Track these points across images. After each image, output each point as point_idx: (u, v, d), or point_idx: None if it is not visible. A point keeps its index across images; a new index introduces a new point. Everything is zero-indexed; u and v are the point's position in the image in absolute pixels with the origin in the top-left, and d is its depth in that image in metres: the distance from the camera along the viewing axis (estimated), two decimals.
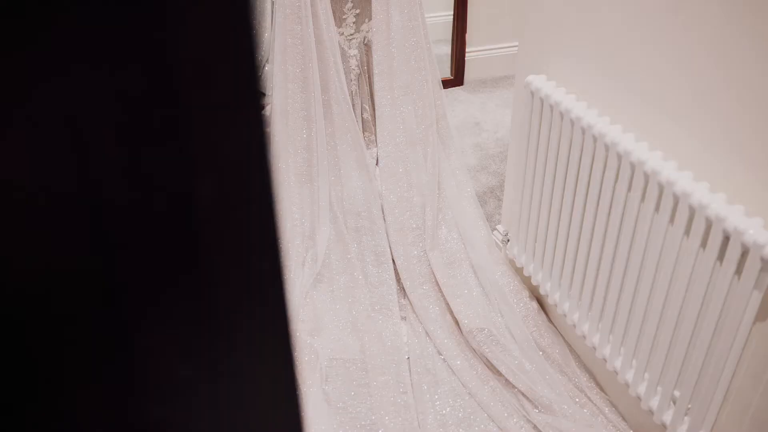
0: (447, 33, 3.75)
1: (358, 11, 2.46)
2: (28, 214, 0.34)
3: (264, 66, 3.53)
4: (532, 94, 1.87)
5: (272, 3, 3.01)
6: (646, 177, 1.51)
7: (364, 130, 2.60)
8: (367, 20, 2.49)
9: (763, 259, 1.27)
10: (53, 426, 0.39)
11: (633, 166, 1.54)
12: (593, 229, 1.73)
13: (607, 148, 1.61)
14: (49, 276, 0.37)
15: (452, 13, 3.66)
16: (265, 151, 0.33)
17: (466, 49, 3.71)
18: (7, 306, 0.35)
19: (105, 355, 0.41)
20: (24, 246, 0.35)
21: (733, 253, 1.33)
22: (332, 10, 2.35)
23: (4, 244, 0.33)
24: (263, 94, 3.37)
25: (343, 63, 2.46)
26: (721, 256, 1.37)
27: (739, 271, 1.34)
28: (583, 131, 1.68)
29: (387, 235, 2.31)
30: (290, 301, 0.40)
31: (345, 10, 2.45)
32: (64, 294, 0.38)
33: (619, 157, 1.58)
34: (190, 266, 0.39)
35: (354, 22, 2.48)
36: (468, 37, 3.68)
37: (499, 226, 2.38)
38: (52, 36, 0.30)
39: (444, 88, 3.60)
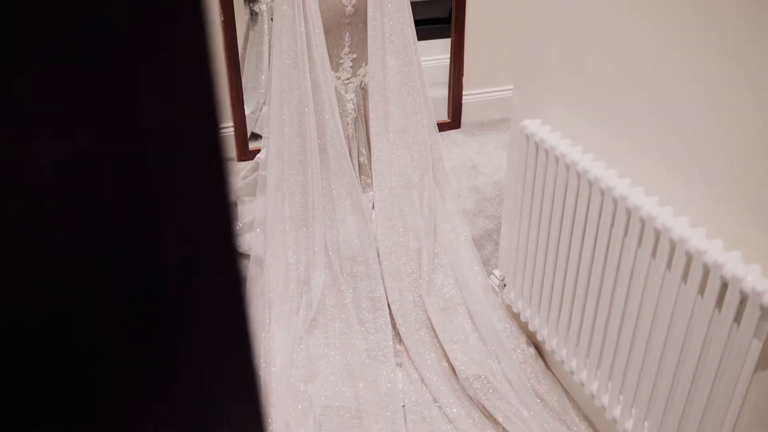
0: (444, 76, 3.77)
1: (354, 56, 2.48)
2: None
3: (261, 108, 3.55)
4: (528, 138, 1.87)
5: (269, 46, 3.04)
6: (642, 222, 1.50)
7: (360, 174, 2.60)
8: (363, 65, 2.50)
9: (762, 307, 1.25)
10: None
11: (629, 211, 1.53)
12: (590, 274, 1.71)
13: (602, 192, 1.60)
14: (12, 338, 0.35)
15: (449, 56, 3.69)
16: (230, 216, 0.31)
17: (464, 92, 3.73)
18: None
19: (70, 420, 0.39)
20: None
21: (731, 300, 1.31)
22: (329, 54, 2.36)
23: None
24: (260, 136, 3.38)
25: (339, 107, 2.46)
26: (719, 303, 1.35)
27: (738, 318, 1.31)
28: (579, 176, 1.68)
29: (382, 280, 2.28)
30: (258, 366, 0.38)
31: (342, 54, 2.46)
32: (25, 357, 0.36)
33: (615, 202, 1.57)
34: (154, 331, 0.37)
35: (351, 67, 2.50)
36: (465, 80, 3.70)
37: (496, 271, 2.36)
38: (25, 91, 0.29)
39: (441, 130, 3.61)
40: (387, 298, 2.26)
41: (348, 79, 2.51)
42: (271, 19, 2.53)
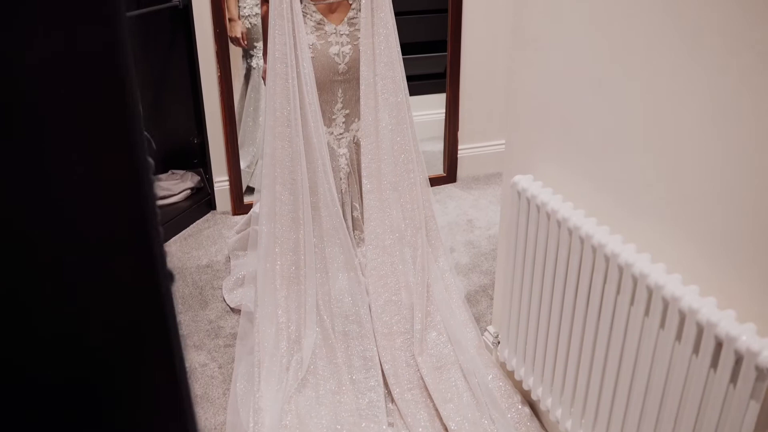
0: (439, 131, 3.80)
1: (347, 111, 2.49)
2: None
3: (257, 162, 3.56)
4: (519, 194, 1.86)
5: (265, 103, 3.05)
6: (635, 280, 1.47)
7: (354, 228, 2.58)
8: (356, 120, 2.51)
9: (758, 368, 1.22)
10: None
11: (621, 269, 1.51)
12: (583, 332, 1.68)
13: (594, 249, 1.59)
14: None
15: (444, 111, 3.72)
16: (164, 304, 0.30)
17: (459, 147, 3.75)
18: None
19: None
20: None
21: (726, 360, 1.28)
22: (322, 110, 2.37)
23: None
24: (253, 190, 3.38)
25: (332, 162, 2.46)
26: (714, 363, 1.31)
27: (734, 379, 1.28)
28: (570, 232, 1.66)
29: (375, 339, 2.25)
30: None
31: (335, 110, 2.47)
32: None
33: (607, 259, 1.55)
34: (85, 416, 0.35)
35: (343, 122, 2.50)
36: (460, 134, 3.72)
37: (490, 327, 2.32)
38: None
39: (437, 185, 3.61)
40: (379, 357, 2.22)
41: (341, 134, 2.52)
42: (263, 78, 2.54)
